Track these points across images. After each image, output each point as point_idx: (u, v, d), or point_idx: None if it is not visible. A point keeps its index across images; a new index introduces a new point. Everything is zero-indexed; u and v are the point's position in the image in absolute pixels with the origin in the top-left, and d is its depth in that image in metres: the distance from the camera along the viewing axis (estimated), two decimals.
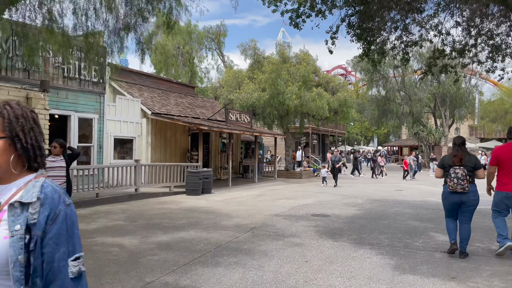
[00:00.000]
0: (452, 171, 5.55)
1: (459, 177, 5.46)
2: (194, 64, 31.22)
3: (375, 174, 23.51)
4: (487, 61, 11.20)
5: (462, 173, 5.45)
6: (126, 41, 8.91)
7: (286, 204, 11.23)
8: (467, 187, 5.45)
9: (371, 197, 13.18)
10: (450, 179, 5.53)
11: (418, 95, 32.87)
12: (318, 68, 24.43)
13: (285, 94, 19.46)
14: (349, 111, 22.99)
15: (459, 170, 5.49)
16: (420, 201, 12.37)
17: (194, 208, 10.49)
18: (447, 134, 33.20)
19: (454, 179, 5.49)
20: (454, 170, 5.53)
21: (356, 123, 64.31)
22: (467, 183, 5.45)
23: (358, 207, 10.78)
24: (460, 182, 5.44)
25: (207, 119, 17.55)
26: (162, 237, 6.98)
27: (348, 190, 15.47)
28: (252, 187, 16.53)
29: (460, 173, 5.46)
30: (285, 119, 21.92)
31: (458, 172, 5.48)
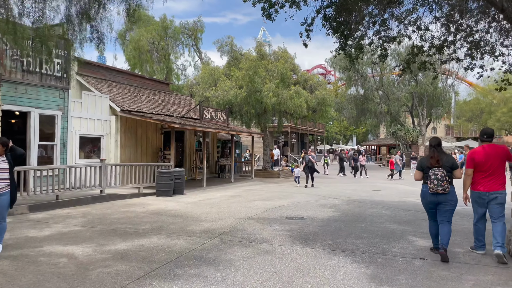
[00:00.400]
0: (432, 172, 5.58)
1: (439, 178, 5.51)
2: (170, 61, 30.34)
3: (356, 173, 23.26)
4: (466, 59, 10.96)
5: (442, 174, 5.51)
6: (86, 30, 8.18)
7: (261, 206, 10.71)
8: (448, 187, 5.52)
9: (348, 198, 12.81)
10: (430, 181, 5.57)
11: (396, 94, 32.97)
12: (296, 66, 23.99)
13: (263, 92, 18.96)
14: (327, 110, 22.68)
15: (438, 171, 5.53)
16: (398, 201, 12.06)
17: (162, 211, 9.85)
18: (424, 133, 33.41)
19: (434, 180, 5.54)
20: (434, 171, 5.57)
21: (335, 122, 64.49)
22: (447, 183, 5.52)
23: (335, 209, 10.36)
24: (441, 183, 5.50)
25: (180, 117, 16.87)
26: (120, 245, 6.35)
27: (325, 190, 15.08)
28: (227, 188, 15.96)
29: (440, 174, 5.51)
30: (262, 117, 21.42)
31: (437, 174, 5.52)
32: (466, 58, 10.96)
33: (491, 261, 5.53)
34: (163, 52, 29.29)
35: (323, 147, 57.07)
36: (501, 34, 10.60)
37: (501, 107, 27.50)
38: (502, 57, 10.76)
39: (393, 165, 22.08)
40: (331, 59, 32.98)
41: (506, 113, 26.79)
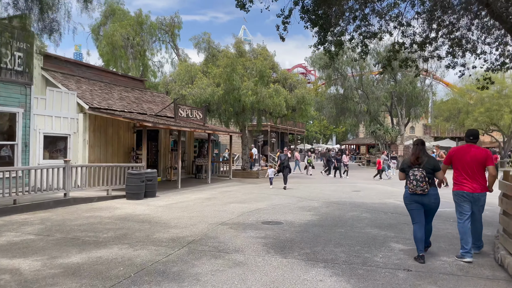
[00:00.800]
0: (411, 173, 5.59)
1: (418, 179, 5.51)
2: (146, 57, 29.38)
3: (340, 173, 22.84)
4: (448, 56, 10.67)
5: (421, 175, 5.50)
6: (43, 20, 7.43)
7: (236, 209, 10.15)
8: (427, 188, 5.51)
9: (328, 199, 12.39)
10: (410, 181, 5.60)
11: (375, 94, 32.93)
12: (276, 64, 23.50)
13: (241, 90, 18.39)
14: (307, 109, 22.28)
15: (418, 172, 5.53)
16: (379, 203, 11.70)
17: (130, 216, 9.18)
18: (403, 133, 33.50)
19: (413, 181, 5.55)
20: (413, 172, 5.57)
21: (315, 121, 64.50)
22: (426, 184, 5.49)
23: (314, 212, 9.89)
24: (419, 184, 5.50)
25: (154, 115, 16.13)
26: (75, 258, 5.68)
27: (304, 192, 14.64)
28: (203, 189, 15.33)
29: (419, 175, 5.50)
30: (241, 116, 20.84)
31: (416, 174, 5.52)
32: (447, 56, 10.67)
33: (479, 272, 5.13)
34: (139, 48, 28.32)
35: (303, 146, 56.95)
36: (482, 32, 10.36)
37: (478, 107, 27.72)
38: (484, 55, 10.51)
39: (380, 165, 21.79)
40: (311, 58, 32.66)
41: (483, 113, 27.02)
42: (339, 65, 32.88)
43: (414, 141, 6.04)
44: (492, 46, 10.30)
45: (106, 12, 29.27)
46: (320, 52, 33.30)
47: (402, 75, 33.59)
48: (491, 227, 7.76)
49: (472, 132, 5.93)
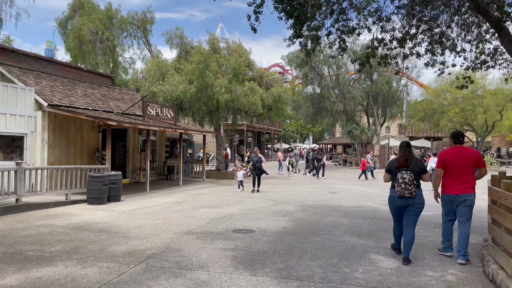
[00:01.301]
0: (400, 176, 5.51)
1: (406, 182, 5.45)
2: (116, 53, 28.13)
3: (318, 174, 22.28)
4: (427, 54, 10.27)
5: (409, 178, 5.44)
6: None
7: (206, 215, 9.43)
8: (415, 191, 5.46)
9: (304, 202, 11.82)
10: (398, 184, 5.51)
11: (352, 93, 32.77)
12: (251, 62, 22.83)
13: (214, 87, 17.63)
14: (283, 108, 21.74)
15: (406, 175, 5.46)
16: (356, 206, 11.22)
17: (87, 224, 8.32)
18: (379, 133, 33.48)
19: (401, 184, 5.48)
20: (402, 175, 5.50)
21: (292, 120, 64.29)
22: (414, 187, 5.45)
23: (289, 217, 9.28)
24: (408, 187, 5.44)
25: (121, 113, 15.18)
26: (9, 279, 4.85)
27: (279, 194, 14.04)
28: (173, 192, 14.51)
29: (408, 178, 5.44)
30: (215, 115, 20.08)
31: (405, 177, 5.46)
32: (427, 53, 10.27)
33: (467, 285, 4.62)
34: (108, 43, 27.08)
35: (280, 146, 56.59)
36: (462, 29, 10.00)
37: (453, 107, 27.89)
38: (463, 53, 10.16)
39: (365, 166, 21.24)
40: (287, 56, 32.19)
41: (458, 113, 27.19)
42: (315, 64, 32.54)
43: (400, 143, 5.96)
44: (472, 43, 9.96)
45: (74, 5, 27.90)
46: (296, 50, 32.96)
47: (378, 74, 33.60)
48: (475, 234, 7.33)
49: (461, 134, 5.98)
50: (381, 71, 33.55)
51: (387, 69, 33.16)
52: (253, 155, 15.23)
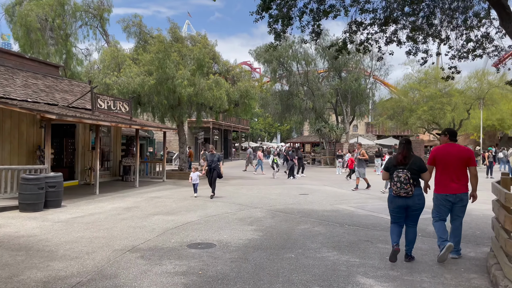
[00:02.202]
0: (395, 174, 5.30)
1: (402, 181, 5.22)
2: (70, 43, 25.85)
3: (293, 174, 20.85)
4: (408, 41, 9.29)
5: (405, 177, 5.21)
6: None
7: (159, 225, 8.00)
8: (411, 191, 5.23)
9: (273, 206, 10.59)
10: (394, 183, 5.31)
11: (321, 90, 31.99)
12: (217, 54, 21.39)
13: (175, 80, 16.09)
14: (251, 104, 20.47)
15: (402, 174, 5.24)
16: (331, 210, 10.10)
17: (7, 238, 6.69)
18: (348, 131, 32.90)
19: (397, 183, 5.26)
20: (397, 173, 5.28)
21: (259, 118, 63.27)
22: (410, 186, 5.22)
23: (256, 225, 8.01)
24: (403, 186, 5.21)
25: (66, 107, 13.38)
26: None
27: (246, 197, 12.75)
28: (127, 195, 12.91)
29: (403, 177, 5.22)
30: (177, 110, 18.51)
31: (400, 176, 5.23)
32: (408, 41, 9.29)
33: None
34: (61, 32, 24.82)
35: (248, 145, 55.40)
36: (447, 14, 9.08)
37: (422, 105, 27.61)
38: (448, 41, 9.25)
39: (352, 165, 19.74)
40: (255, 51, 30.95)
41: (427, 111, 26.92)
42: (284, 60, 31.51)
43: (400, 139, 5.74)
44: (457, 30, 9.05)
45: None
46: (264, 45, 31.72)
47: (347, 72, 33.00)
48: (470, 244, 6.33)
49: (453, 131, 5.87)
50: (350, 69, 33.01)
51: (356, 65, 32.68)
52: (208, 153, 12.80)
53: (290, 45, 30.93)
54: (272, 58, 30.16)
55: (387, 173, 5.58)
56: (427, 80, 29.58)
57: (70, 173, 15.66)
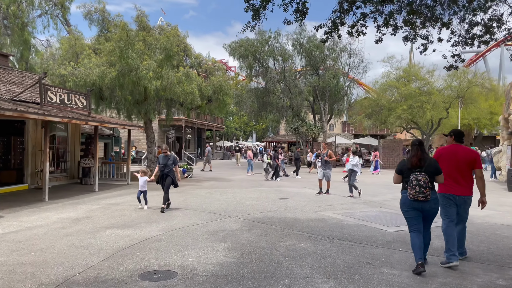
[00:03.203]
0: (414, 177, 4.99)
1: (421, 185, 4.94)
2: (27, 32, 23.66)
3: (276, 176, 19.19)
4: (406, 25, 8.09)
5: (425, 180, 4.94)
6: None
7: (109, 243, 6.47)
8: (429, 195, 4.97)
9: (250, 215, 9.21)
10: (412, 186, 4.99)
11: (298, 87, 30.84)
12: (189, 47, 19.83)
13: (140, 71, 14.43)
14: (225, 99, 19.00)
15: (421, 177, 4.95)
16: (316, 219, 8.80)
17: None
18: (326, 130, 31.91)
19: (416, 187, 4.96)
20: (416, 176, 4.97)
21: (235, 117, 61.77)
22: (429, 190, 4.96)
23: (231, 242, 6.59)
24: (422, 190, 4.94)
25: (10, 100, 11.54)
26: None
27: (219, 203, 11.30)
28: (81, 202, 11.23)
29: (423, 180, 4.94)
30: (143, 106, 16.82)
31: (420, 180, 4.94)
32: (406, 25, 8.10)
33: None
34: (17, 21, 22.59)
35: (223, 144, 53.83)
36: None
37: (401, 104, 26.87)
38: (450, 26, 8.10)
39: None
40: (230, 46, 29.44)
41: (406, 110, 26.18)
42: (260, 55, 30.16)
43: (412, 141, 5.50)
44: (459, 12, 7.91)
45: None
46: (240, 39, 30.30)
47: (325, 69, 31.99)
48: (484, 265, 5.14)
49: (459, 131, 5.65)
50: (328, 66, 32.03)
51: (334, 62, 31.71)
52: (162, 155, 10.16)
53: (266, 40, 29.61)
54: (248, 53, 28.75)
55: (400, 177, 5.27)
56: (406, 78, 28.90)
57: (18, 176, 13.80)
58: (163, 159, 10.03)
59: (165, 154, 10.15)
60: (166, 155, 10.12)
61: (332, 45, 31.25)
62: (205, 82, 18.29)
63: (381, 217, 9.10)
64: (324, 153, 13.36)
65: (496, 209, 10.31)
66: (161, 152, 10.36)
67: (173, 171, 9.95)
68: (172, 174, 9.89)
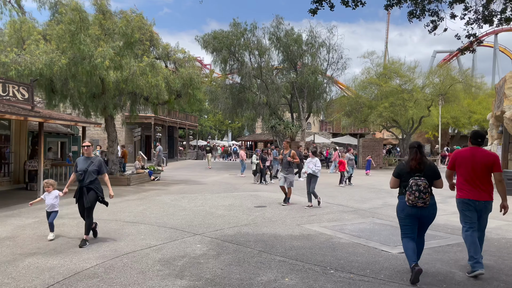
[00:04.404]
0: (414, 182, 4.74)
1: (421, 190, 4.71)
2: None
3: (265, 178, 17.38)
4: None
5: (425, 185, 4.72)
6: None
7: (19, 282, 4.65)
8: (428, 201, 4.75)
9: (220, 231, 7.52)
10: (411, 192, 4.74)
11: (275, 84, 29.29)
12: (156, 36, 17.94)
13: (94, 59, 12.47)
14: (196, 94, 17.19)
15: (421, 182, 4.72)
16: (300, 236, 7.21)
17: None
18: (304, 128, 30.52)
19: (415, 192, 4.72)
20: (416, 181, 4.74)
21: (209, 115, 59.79)
22: (428, 196, 4.75)
23: (190, 277, 4.89)
24: (422, 196, 4.71)
25: None
26: None
27: (185, 213, 9.56)
28: (17, 213, 9.27)
29: (423, 186, 4.71)
30: (101, 100, 14.83)
31: (420, 184, 4.71)
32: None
33: None
34: None
35: (197, 143, 51.82)
36: None
37: (382, 101, 25.73)
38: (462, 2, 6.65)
39: (344, 167, 16.50)
40: (202, 38, 27.57)
41: (388, 107, 25.06)
42: (235, 49, 28.43)
43: (410, 143, 5.17)
44: None
45: None
46: (213, 31, 28.46)
47: (303, 65, 30.58)
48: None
49: (480, 134, 5.27)
50: (305, 62, 30.65)
51: (313, 58, 30.34)
52: (82, 157, 6.95)
53: (242, 32, 27.90)
54: (222, 46, 26.95)
55: (398, 181, 5.02)
56: (387, 75, 27.83)
57: None
58: (82, 162, 6.70)
59: (88, 154, 6.84)
60: (88, 156, 6.82)
61: (311, 39, 29.92)
62: (173, 75, 16.45)
63: (377, 232, 7.60)
64: (286, 153, 11.03)
65: None
66: (84, 151, 6.94)
67: (97, 183, 6.75)
68: (96, 187, 6.68)
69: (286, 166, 11.04)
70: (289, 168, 11.03)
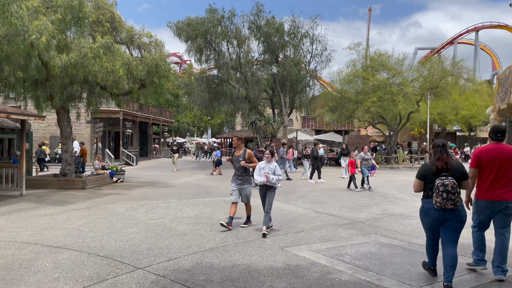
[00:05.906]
0: (440, 182, 4.34)
1: (449, 191, 4.28)
2: None
3: None
4: None
5: (453, 185, 4.30)
6: None
7: None
8: (458, 202, 4.33)
9: (174, 260, 5.44)
10: (438, 193, 4.32)
11: (256, 76, 27.23)
12: (118, 18, 15.66)
13: (29, 36, 10.10)
14: (162, 83, 14.97)
15: (449, 182, 4.31)
16: (285, 269, 5.20)
17: None
18: (286, 124, 28.59)
19: (443, 193, 4.29)
20: (443, 181, 4.33)
21: (187, 111, 57.27)
22: (458, 197, 4.31)
23: None
24: (451, 197, 4.30)
25: None
26: None
27: (134, 230, 7.41)
28: None
29: (451, 186, 4.30)
30: (46, 88, 12.44)
31: (447, 185, 4.29)
32: None
33: None
34: None
35: (171, 139, 49.30)
36: None
37: (370, 96, 23.98)
38: None
39: (354, 168, 14.00)
40: (176, 24, 25.24)
41: (376, 102, 23.34)
42: (212, 38, 26.22)
43: (434, 142, 4.77)
44: None
45: None
46: (187, 18, 26.13)
47: (285, 57, 28.62)
48: None
49: (500, 128, 4.88)
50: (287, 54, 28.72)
51: (295, 50, 28.43)
52: None
53: (219, 19, 25.70)
54: (197, 33, 24.67)
55: (423, 183, 4.58)
56: (374, 67, 26.13)
57: None
58: None
59: None
60: None
61: (293, 29, 28.00)
62: (136, 61, 14.20)
63: (387, 259, 5.64)
64: (239, 155, 7.73)
65: None
66: None
67: None
68: None
69: (239, 173, 7.65)
70: (244, 176, 7.69)
